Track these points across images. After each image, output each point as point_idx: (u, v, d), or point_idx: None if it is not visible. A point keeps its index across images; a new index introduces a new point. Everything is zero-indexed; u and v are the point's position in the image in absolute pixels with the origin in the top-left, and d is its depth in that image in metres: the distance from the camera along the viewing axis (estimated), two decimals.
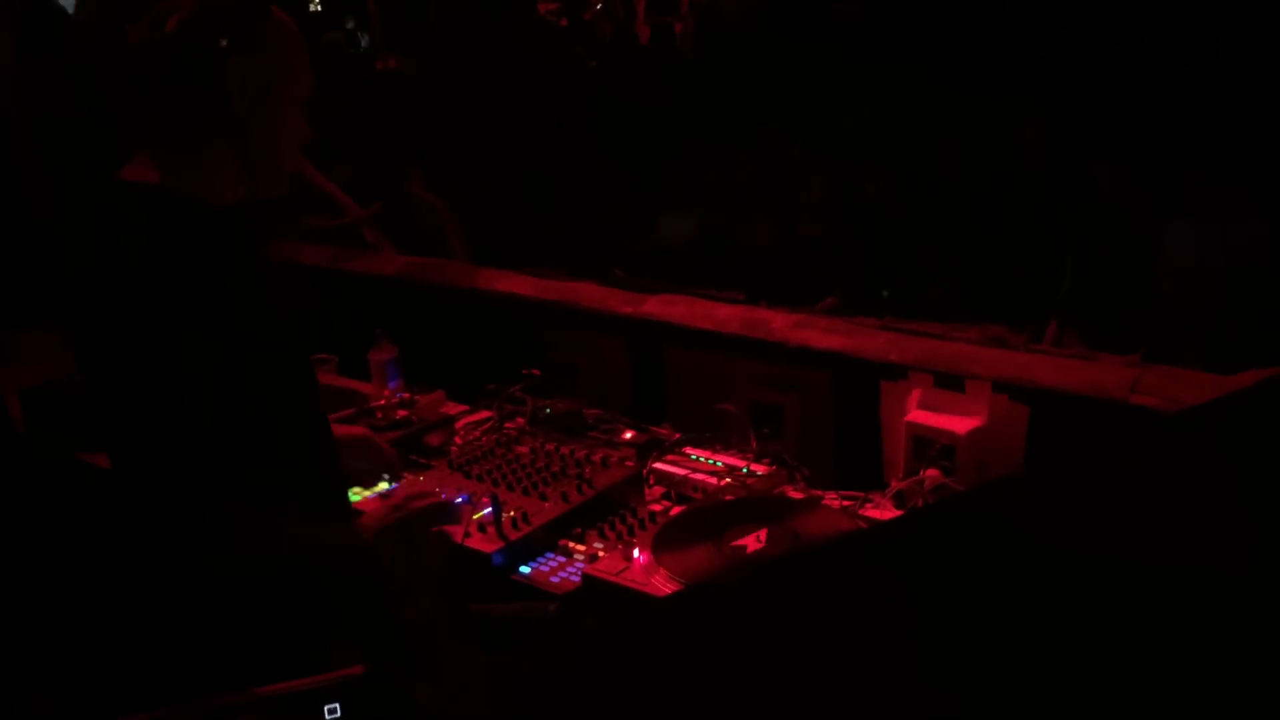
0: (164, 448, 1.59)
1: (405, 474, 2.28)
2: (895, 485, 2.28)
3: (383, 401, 2.63)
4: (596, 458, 2.33)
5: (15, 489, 2.45)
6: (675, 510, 2.17)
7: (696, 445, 2.45)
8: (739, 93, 3.99)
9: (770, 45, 3.90)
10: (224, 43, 1.58)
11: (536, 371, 2.78)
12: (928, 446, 2.30)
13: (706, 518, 2.05)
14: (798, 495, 2.24)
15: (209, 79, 1.58)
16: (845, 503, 2.22)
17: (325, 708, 0.65)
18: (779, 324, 2.60)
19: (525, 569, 2.01)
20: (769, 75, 3.85)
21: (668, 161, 4.21)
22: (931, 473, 2.24)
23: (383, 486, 2.27)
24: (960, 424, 2.29)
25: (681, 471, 2.31)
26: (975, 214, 3.09)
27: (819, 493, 2.25)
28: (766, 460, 2.36)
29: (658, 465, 2.34)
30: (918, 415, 2.35)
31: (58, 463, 2.55)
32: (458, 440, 2.56)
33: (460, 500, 2.17)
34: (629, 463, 2.32)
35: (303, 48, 1.71)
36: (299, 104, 1.70)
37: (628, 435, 2.50)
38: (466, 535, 2.04)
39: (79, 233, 1.68)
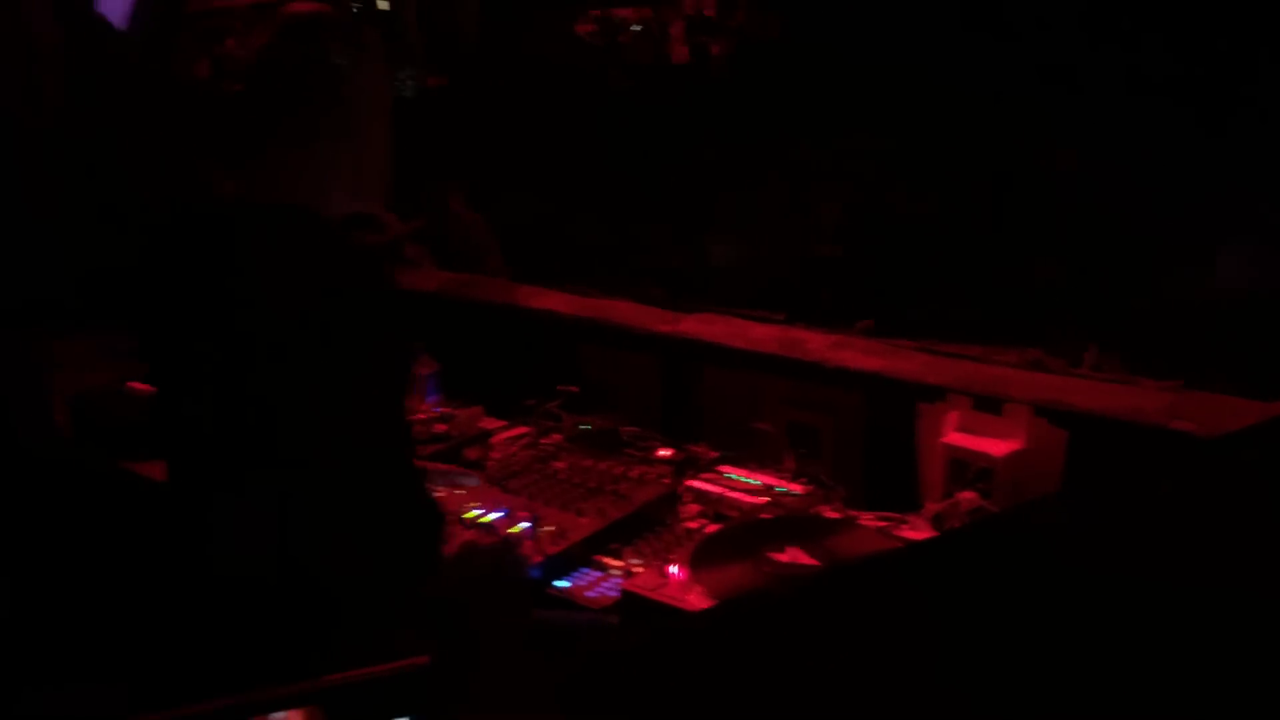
0: (241, 460, 1.62)
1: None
2: (931, 507, 2.28)
3: (421, 416, 2.65)
4: (633, 474, 2.34)
5: (58, 496, 2.49)
6: (711, 528, 2.19)
7: (732, 464, 2.46)
8: (772, 113, 4.02)
9: (803, 65, 3.92)
10: (339, 60, 1.63)
11: (574, 388, 2.80)
12: (965, 469, 2.29)
13: (743, 535, 2.06)
14: (834, 515, 2.24)
15: (333, 97, 1.63)
16: (881, 523, 2.22)
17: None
18: (816, 344, 2.61)
19: (562, 583, 2.03)
20: (801, 95, 3.87)
21: (705, 181, 4.23)
22: (968, 495, 2.24)
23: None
24: (998, 447, 2.29)
25: (718, 489, 2.32)
26: (1009, 234, 3.09)
27: (855, 513, 2.25)
28: (803, 480, 2.36)
29: (694, 483, 2.35)
30: (955, 438, 2.35)
31: (102, 471, 2.60)
32: (495, 455, 2.59)
33: (498, 515, 2.20)
34: (665, 480, 2.34)
35: (383, 57, 1.76)
36: (388, 113, 1.75)
37: (664, 453, 2.51)
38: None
39: (164, 246, 1.73)
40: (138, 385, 2.90)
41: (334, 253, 1.63)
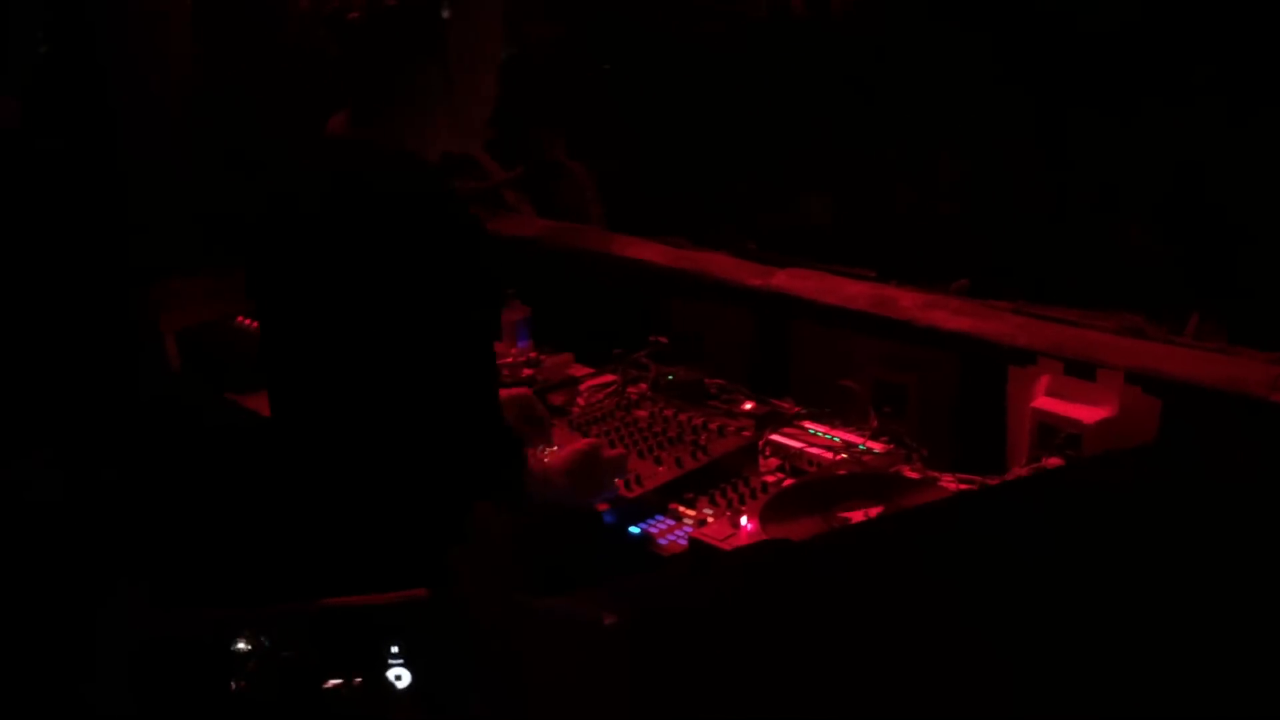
0: (326, 395, 1.68)
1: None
2: (1017, 472, 2.24)
3: (510, 359, 2.69)
4: (714, 426, 2.35)
5: (167, 423, 2.61)
6: (788, 482, 2.18)
7: (816, 420, 2.45)
8: (889, 67, 3.93)
9: (924, 19, 3.82)
10: (446, 12, 1.67)
11: (663, 339, 2.81)
12: (1053, 435, 2.24)
13: (817, 491, 2.06)
14: (914, 475, 2.21)
15: (432, 45, 1.67)
16: (962, 485, 2.19)
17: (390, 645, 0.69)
18: (908, 303, 2.57)
19: (635, 529, 2.05)
20: (922, 49, 3.77)
21: (812, 135, 4.17)
22: (1054, 461, 2.19)
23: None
24: (1089, 413, 2.23)
25: (797, 444, 2.31)
26: (1120, 201, 2.99)
27: (935, 474, 2.23)
28: (885, 438, 2.34)
29: (774, 437, 2.35)
30: (1045, 402, 2.30)
31: (207, 401, 2.70)
32: (580, 401, 2.62)
33: None
34: (746, 433, 2.34)
35: (499, 6, 1.79)
36: (496, 62, 1.79)
37: (747, 406, 2.51)
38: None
39: (273, 183, 1.79)
40: (245, 321, 3.00)
41: (427, 196, 1.66)
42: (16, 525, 2.16)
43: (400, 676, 0.68)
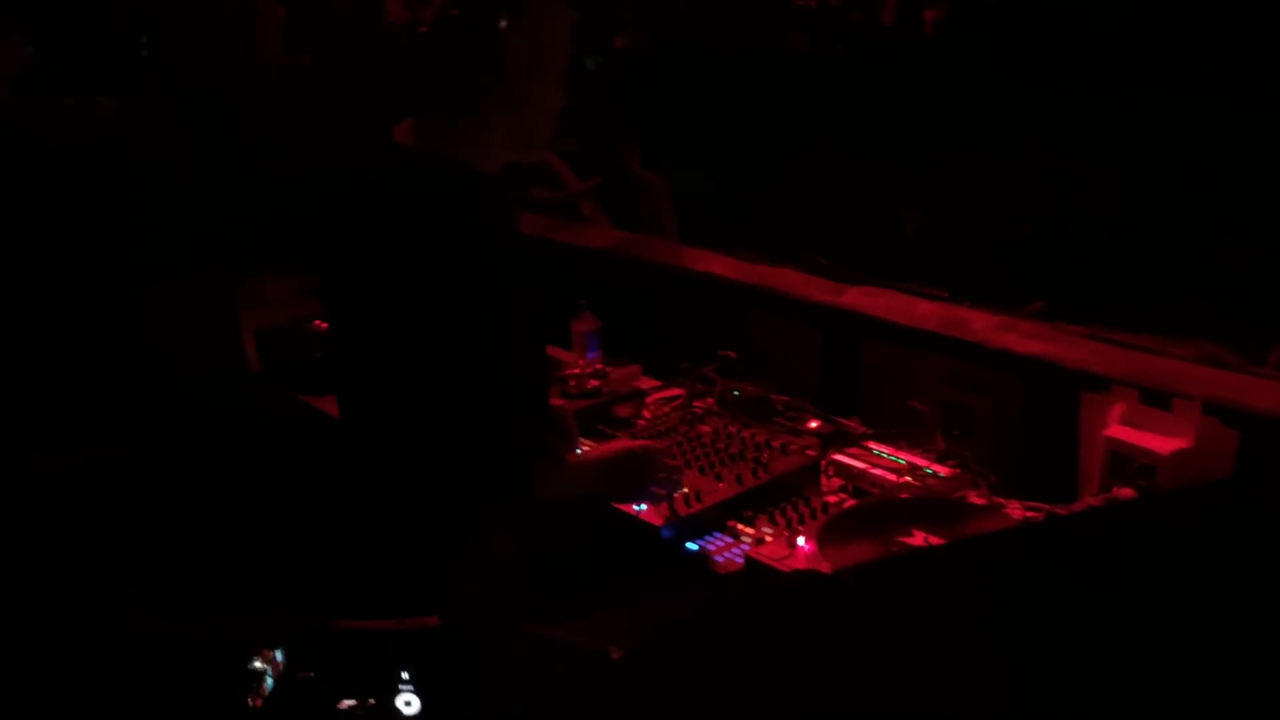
0: (390, 397, 1.70)
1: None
2: (1087, 501, 2.19)
3: (577, 370, 2.70)
4: (777, 443, 2.33)
5: (241, 421, 2.67)
6: (850, 503, 2.16)
7: (881, 440, 2.42)
8: (978, 86, 3.88)
9: (1022, 36, 3.77)
10: (503, 24, 1.68)
11: (732, 354, 2.80)
12: (1126, 464, 2.19)
13: (878, 514, 2.03)
14: (979, 501, 2.18)
15: (491, 57, 1.69)
16: (1029, 513, 2.15)
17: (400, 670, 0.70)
18: (980, 325, 2.52)
19: (692, 545, 2.05)
20: (1013, 68, 3.72)
21: (895, 153, 4.14)
22: (1127, 492, 2.14)
23: None
24: (1164, 444, 2.17)
25: (861, 465, 2.29)
26: (1201, 226, 2.91)
27: (1002, 501, 2.18)
28: (952, 462, 2.30)
29: (838, 456, 2.32)
30: (1118, 431, 2.24)
31: (280, 400, 2.76)
32: (645, 414, 2.62)
33: None
34: (810, 451, 2.32)
35: (567, 19, 1.79)
36: (561, 75, 1.79)
37: (813, 424, 2.49)
38: (639, 507, 2.09)
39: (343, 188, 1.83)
40: (320, 323, 3.06)
41: (463, 208, 1.67)
42: (17, 524, 2.23)
43: (410, 703, 0.68)
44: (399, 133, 1.79)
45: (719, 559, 2.00)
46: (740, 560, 1.97)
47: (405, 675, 0.69)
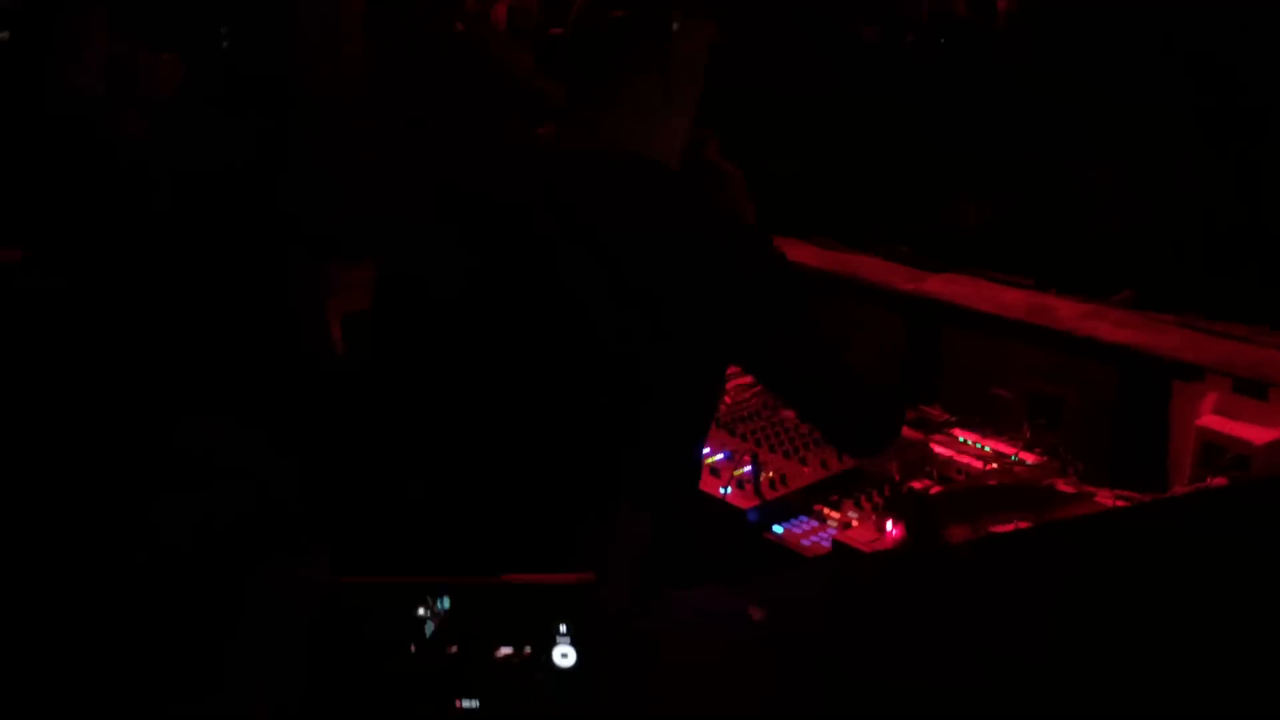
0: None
1: None
2: (1178, 490, 2.16)
3: None
4: None
5: (326, 400, 2.72)
6: (935, 490, 2.15)
7: (967, 428, 2.41)
8: (1053, 75, 3.84)
9: (1093, 29, 3.72)
10: (676, 26, 1.67)
11: None
12: (1218, 454, 2.16)
13: (966, 500, 2.02)
14: (1068, 489, 2.16)
15: (660, 56, 1.67)
16: (1119, 502, 2.12)
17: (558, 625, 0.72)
18: (1067, 313, 2.50)
19: (778, 528, 2.06)
20: (1085, 58, 3.67)
21: (973, 140, 4.10)
22: (1219, 482, 2.11)
23: None
24: (1258, 434, 2.13)
25: (947, 452, 2.28)
26: None
27: (1091, 489, 2.16)
28: (1038, 450, 2.29)
29: None
30: (1211, 420, 2.21)
31: (364, 388, 2.80)
32: (727, 400, 2.62)
33: (721, 457, 2.25)
34: None
35: (712, 17, 1.78)
36: (704, 74, 1.78)
37: None
38: (725, 490, 2.10)
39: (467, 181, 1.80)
40: None
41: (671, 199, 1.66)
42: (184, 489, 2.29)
43: (566, 655, 0.70)
44: (549, 133, 1.73)
45: (805, 542, 2.01)
46: (827, 544, 1.97)
47: (562, 629, 0.71)
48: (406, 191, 1.88)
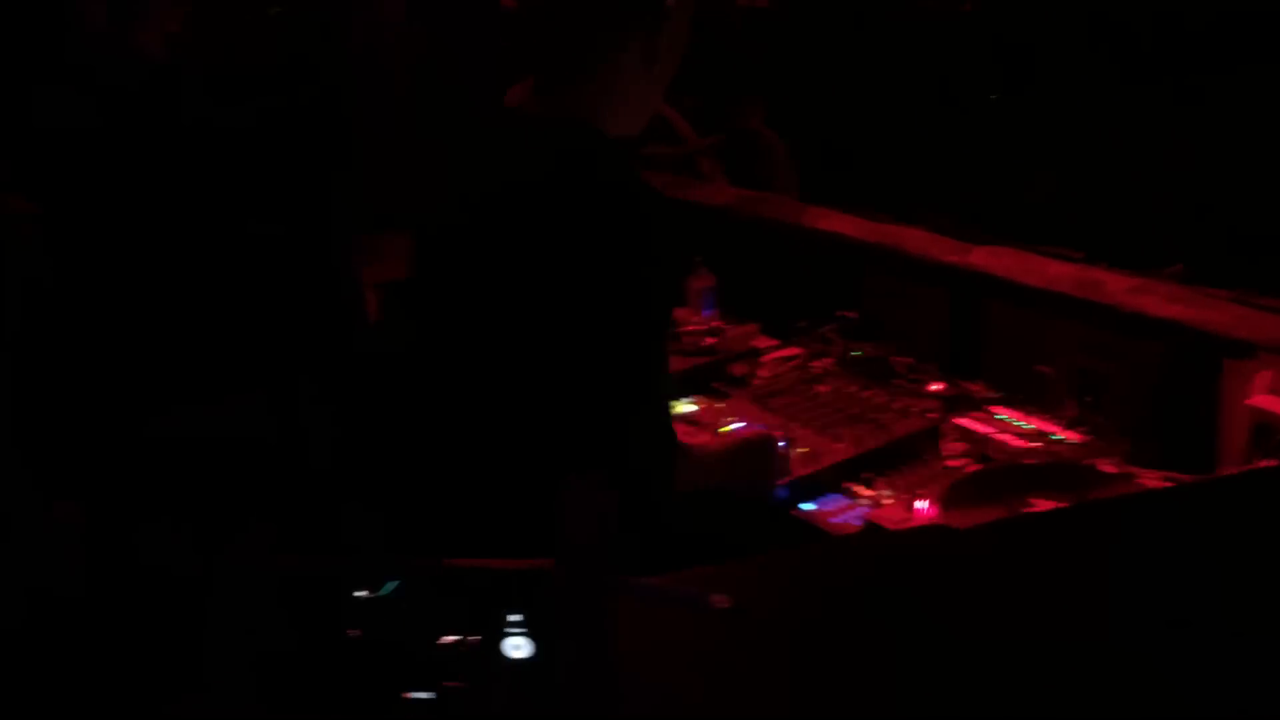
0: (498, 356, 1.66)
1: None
2: (1228, 472, 2.08)
3: (692, 328, 2.68)
4: (897, 405, 2.27)
5: (358, 366, 2.71)
6: (972, 468, 2.09)
7: (1007, 405, 2.34)
8: (1112, 47, 3.72)
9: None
10: (670, 2, 1.63)
11: (851, 314, 2.74)
12: (1271, 434, 2.07)
13: (1003, 478, 1.96)
14: (1111, 469, 2.09)
15: (650, 34, 1.63)
16: (1165, 483, 2.05)
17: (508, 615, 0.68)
18: (1115, 286, 2.41)
19: (808, 506, 2.01)
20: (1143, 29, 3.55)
21: (1026, 113, 3.99)
22: (1271, 463, 2.02)
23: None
24: None
25: (985, 429, 2.22)
26: None
27: (1136, 469, 2.09)
28: (1082, 429, 2.21)
29: (960, 420, 2.25)
30: (1263, 400, 2.12)
31: (398, 352, 2.79)
32: (762, 373, 2.58)
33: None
34: (931, 414, 2.26)
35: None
36: (684, 48, 1.73)
37: (934, 387, 2.42)
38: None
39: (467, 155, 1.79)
40: None
41: (603, 170, 1.62)
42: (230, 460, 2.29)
43: (519, 646, 0.67)
44: (511, 98, 1.74)
45: (835, 520, 1.96)
46: (858, 522, 1.92)
47: (515, 618, 0.67)
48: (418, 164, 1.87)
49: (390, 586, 0.69)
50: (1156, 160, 3.61)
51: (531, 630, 0.68)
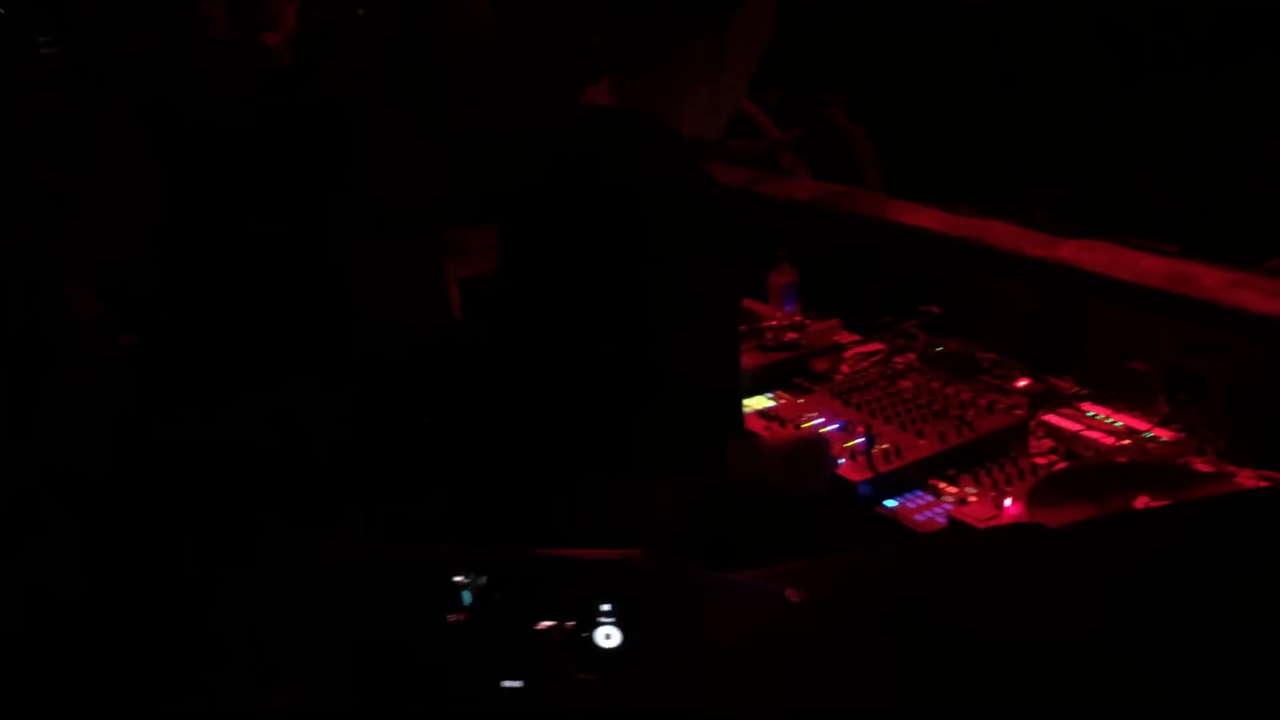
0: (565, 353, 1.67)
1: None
2: None
3: (774, 322, 2.66)
4: (982, 401, 2.23)
5: (437, 364, 2.74)
6: (1060, 466, 2.04)
7: (1097, 402, 2.29)
8: (1211, 37, 3.61)
9: None
10: None
11: (935, 309, 2.70)
12: None
13: (1092, 477, 1.91)
14: (1206, 469, 2.02)
15: (717, 27, 1.63)
16: (1262, 483, 1.98)
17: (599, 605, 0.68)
18: (1211, 281, 2.34)
19: (891, 503, 1.98)
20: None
21: (1126, 108, 3.89)
22: None
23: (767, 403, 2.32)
24: None
25: (1075, 426, 2.16)
26: None
27: (1232, 469, 2.02)
28: (1176, 427, 2.15)
29: (1049, 417, 2.21)
30: None
31: (479, 345, 2.81)
32: (844, 369, 2.55)
33: (835, 427, 2.18)
34: (1018, 411, 2.21)
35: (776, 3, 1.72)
36: (762, 48, 1.72)
37: (1021, 383, 2.37)
38: (838, 462, 2.03)
39: (536, 148, 1.80)
40: None
41: (663, 158, 1.61)
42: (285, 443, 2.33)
43: (610, 636, 0.66)
44: (593, 93, 1.74)
45: (918, 517, 1.93)
46: (942, 519, 1.89)
47: (606, 608, 0.67)
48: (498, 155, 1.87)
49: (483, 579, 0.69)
50: (1254, 150, 3.50)
51: (621, 619, 0.68)
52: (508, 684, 0.68)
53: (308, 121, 3.46)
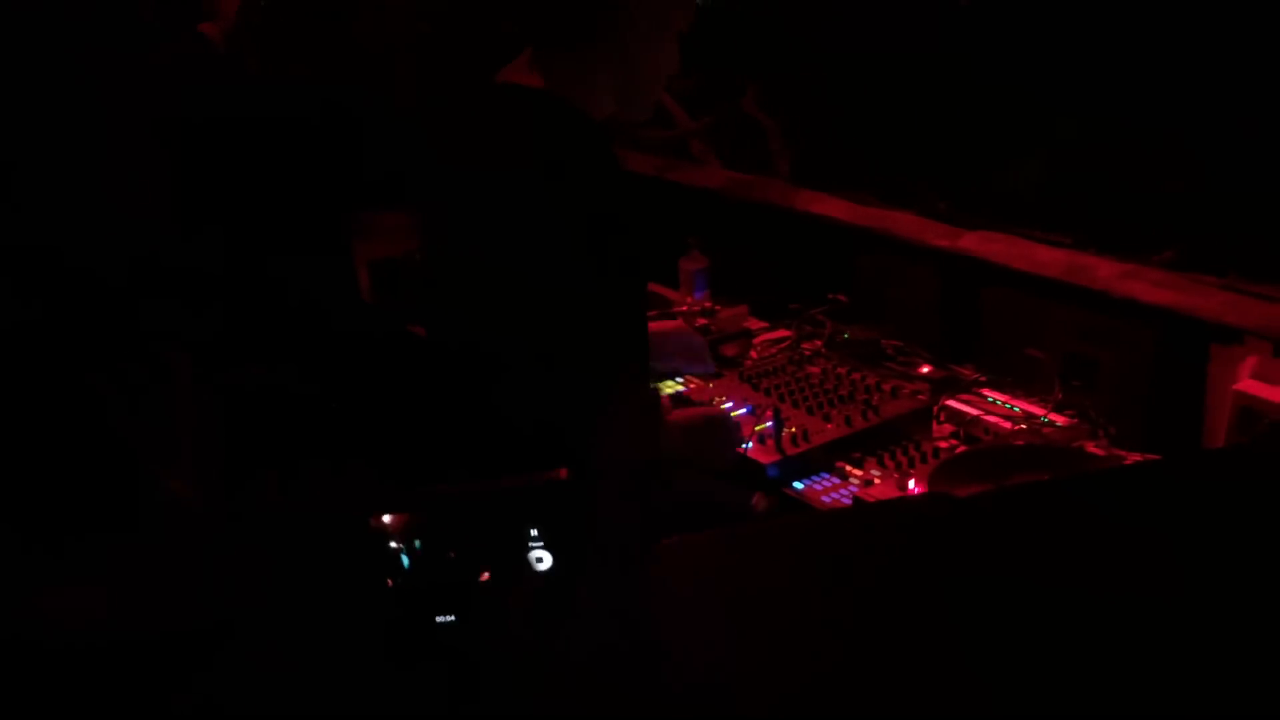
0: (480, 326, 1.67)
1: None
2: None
3: (684, 309, 2.69)
4: (887, 387, 2.29)
5: (351, 351, 2.70)
6: (961, 449, 2.11)
7: (996, 388, 2.36)
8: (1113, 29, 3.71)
9: None
10: None
11: (842, 297, 2.76)
12: (1255, 420, 2.09)
13: (991, 460, 1.98)
14: (1098, 452, 2.11)
15: (613, 5, 1.63)
16: None
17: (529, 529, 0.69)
18: (1105, 273, 2.43)
19: (799, 485, 2.02)
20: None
21: (1022, 100, 3.98)
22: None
23: (677, 388, 2.35)
24: None
25: (974, 411, 2.23)
26: None
27: (1122, 453, 2.11)
28: (1070, 412, 2.23)
29: (950, 402, 2.27)
30: (1249, 385, 2.14)
31: (391, 332, 2.79)
32: (753, 354, 2.59)
33: (744, 411, 2.21)
34: (921, 396, 2.27)
35: None
36: (676, 35, 1.74)
37: (924, 370, 2.44)
38: (746, 445, 2.07)
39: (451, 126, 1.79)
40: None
41: (573, 138, 1.62)
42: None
43: (541, 559, 0.68)
44: (506, 72, 1.75)
45: (825, 499, 1.97)
46: (847, 501, 1.94)
47: (535, 532, 0.68)
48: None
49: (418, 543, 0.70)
50: (1149, 145, 3.61)
51: (550, 543, 0.69)
52: (441, 619, 0.69)
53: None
